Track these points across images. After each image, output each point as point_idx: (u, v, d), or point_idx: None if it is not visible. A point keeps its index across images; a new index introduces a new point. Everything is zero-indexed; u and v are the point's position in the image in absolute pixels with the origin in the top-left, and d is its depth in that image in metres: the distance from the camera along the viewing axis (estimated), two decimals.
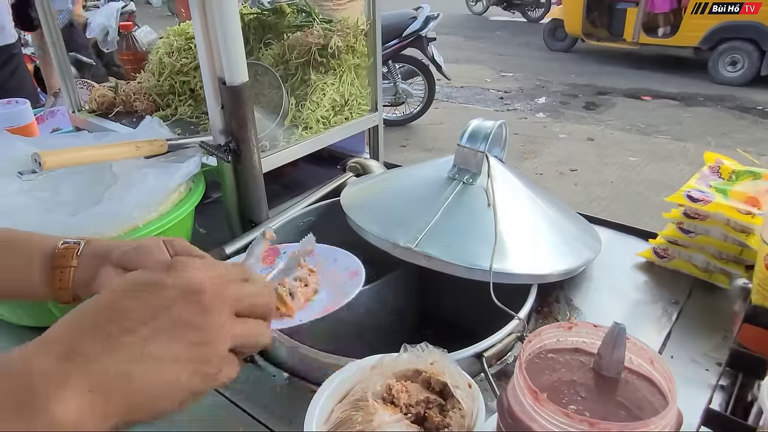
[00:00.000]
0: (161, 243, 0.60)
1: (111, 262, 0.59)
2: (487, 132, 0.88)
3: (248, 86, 0.92)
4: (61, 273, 0.60)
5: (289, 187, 1.30)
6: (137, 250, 0.60)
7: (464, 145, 0.88)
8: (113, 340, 0.37)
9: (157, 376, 0.38)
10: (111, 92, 1.41)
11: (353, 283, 0.69)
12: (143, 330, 0.38)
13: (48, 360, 0.35)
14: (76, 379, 0.34)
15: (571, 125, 5.00)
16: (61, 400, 0.33)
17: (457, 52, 7.73)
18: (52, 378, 0.34)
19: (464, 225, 0.83)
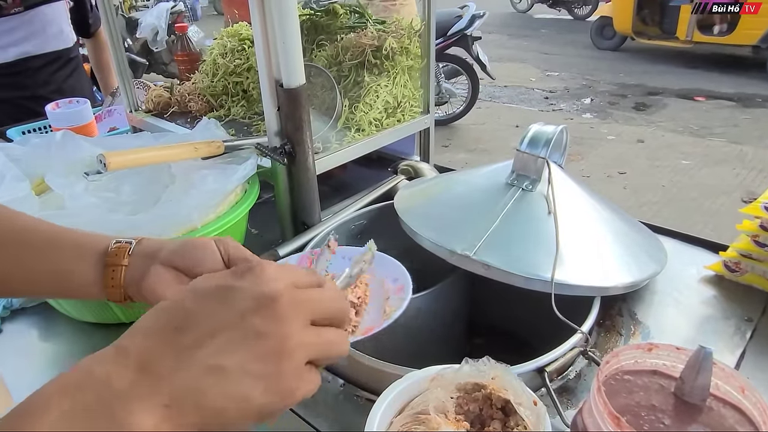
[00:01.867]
0: (213, 243, 0.60)
1: (160, 260, 0.59)
2: (548, 137, 0.85)
3: (305, 89, 0.92)
4: (113, 272, 0.60)
5: (339, 189, 1.30)
6: (187, 248, 0.60)
7: (524, 151, 0.85)
8: (185, 352, 0.36)
9: (229, 391, 0.36)
10: (167, 93, 1.44)
11: (398, 300, 0.65)
12: (215, 341, 0.37)
13: (126, 373, 0.35)
14: (152, 393, 0.34)
15: (619, 126, 4.85)
16: (139, 414, 0.33)
17: (501, 50, 7.62)
18: (130, 392, 0.34)
19: (524, 233, 0.80)
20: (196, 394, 0.35)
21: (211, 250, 0.59)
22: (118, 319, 0.87)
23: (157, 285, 0.58)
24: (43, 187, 0.98)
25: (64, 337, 0.90)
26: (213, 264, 0.59)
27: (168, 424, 0.34)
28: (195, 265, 0.59)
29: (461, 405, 0.57)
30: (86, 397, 0.34)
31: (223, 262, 0.60)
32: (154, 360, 0.36)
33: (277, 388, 0.37)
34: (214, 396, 0.36)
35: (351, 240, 1.07)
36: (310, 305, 0.40)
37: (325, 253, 0.64)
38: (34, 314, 0.94)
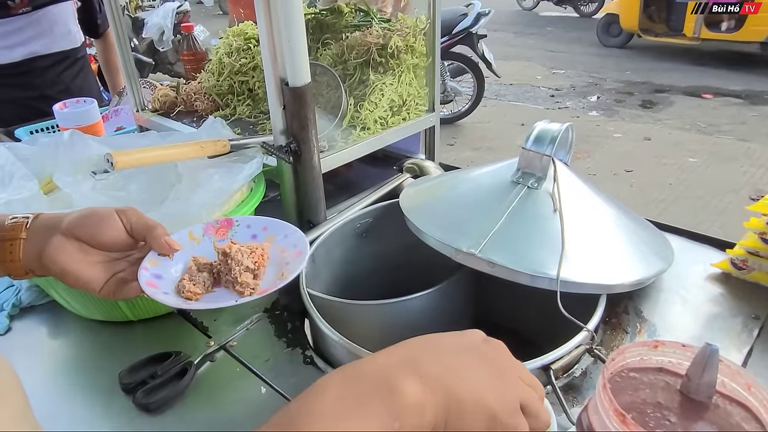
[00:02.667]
0: (114, 213, 0.61)
1: (61, 231, 0.60)
2: (554, 135, 0.85)
3: (310, 87, 0.92)
4: (11, 245, 0.60)
5: (344, 188, 1.30)
6: (89, 219, 0.60)
7: (530, 149, 0.85)
8: (442, 356, 0.45)
9: (469, 388, 0.42)
10: (173, 92, 1.45)
11: (296, 264, 0.69)
12: (459, 358, 0.45)
13: (392, 359, 0.44)
14: (415, 373, 0.41)
15: (626, 124, 4.83)
16: (409, 384, 0.40)
17: (507, 48, 7.60)
18: (399, 370, 0.41)
19: (529, 231, 0.80)
20: (446, 381, 0.42)
21: (113, 219, 0.61)
22: (126, 317, 0.88)
23: (59, 255, 0.59)
24: (51, 186, 0.99)
25: (73, 335, 0.90)
26: (115, 233, 0.61)
27: (427, 396, 0.40)
28: (97, 234, 0.60)
29: None
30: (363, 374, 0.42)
31: (126, 231, 0.62)
32: (415, 355, 0.44)
33: (504, 401, 0.43)
34: (459, 385, 0.42)
35: (356, 239, 1.07)
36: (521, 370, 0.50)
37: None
38: (43, 312, 0.95)
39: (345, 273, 1.07)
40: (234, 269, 0.66)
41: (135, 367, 0.78)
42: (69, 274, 0.60)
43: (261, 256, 0.70)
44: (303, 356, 0.81)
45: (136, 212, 0.63)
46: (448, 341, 0.47)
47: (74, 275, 0.60)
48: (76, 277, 0.60)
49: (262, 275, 0.69)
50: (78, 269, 0.60)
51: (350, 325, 0.85)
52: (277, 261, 0.71)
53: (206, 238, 0.73)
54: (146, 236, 0.63)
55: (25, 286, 0.96)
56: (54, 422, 0.73)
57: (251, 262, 0.68)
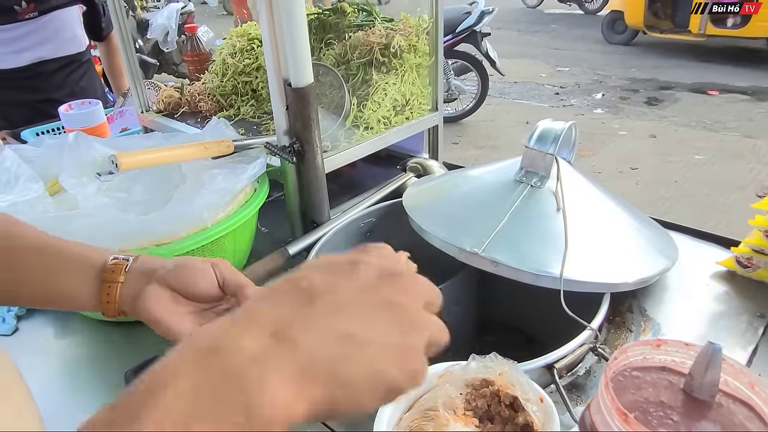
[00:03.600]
0: (209, 265, 0.63)
1: (157, 279, 0.61)
2: (557, 134, 0.85)
3: (313, 87, 0.93)
4: (108, 287, 0.61)
5: (347, 188, 1.31)
6: (184, 270, 0.62)
7: (532, 147, 0.85)
8: (319, 320, 0.34)
9: (364, 360, 0.33)
10: (177, 93, 1.46)
11: None
12: (348, 310, 0.35)
13: (261, 338, 0.32)
14: (287, 362, 0.32)
15: (631, 122, 4.81)
16: (272, 387, 0.31)
17: (511, 46, 7.58)
18: (264, 359, 0.31)
19: (532, 230, 0.80)
20: (331, 362, 0.33)
21: (208, 272, 0.62)
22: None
23: (153, 304, 0.60)
24: (56, 187, 1.00)
25: (80, 335, 0.91)
26: (208, 285, 0.62)
27: (300, 400, 0.31)
28: (191, 286, 0.61)
29: (469, 401, 0.58)
30: (218, 363, 0.31)
31: (218, 285, 0.62)
32: (287, 327, 0.33)
33: (407, 365, 0.35)
34: (348, 364, 0.33)
35: (360, 238, 1.07)
36: (423, 287, 0.40)
37: None
38: (50, 312, 0.95)
39: None
40: None
41: (141, 367, 0.78)
42: (161, 324, 0.61)
43: None
44: None
45: (229, 266, 0.64)
46: (336, 282, 0.36)
47: (166, 326, 0.61)
48: (168, 327, 0.61)
49: None
50: (170, 320, 0.61)
51: None
52: None
53: None
54: (237, 293, 0.64)
55: None
56: (60, 422, 0.73)
57: None
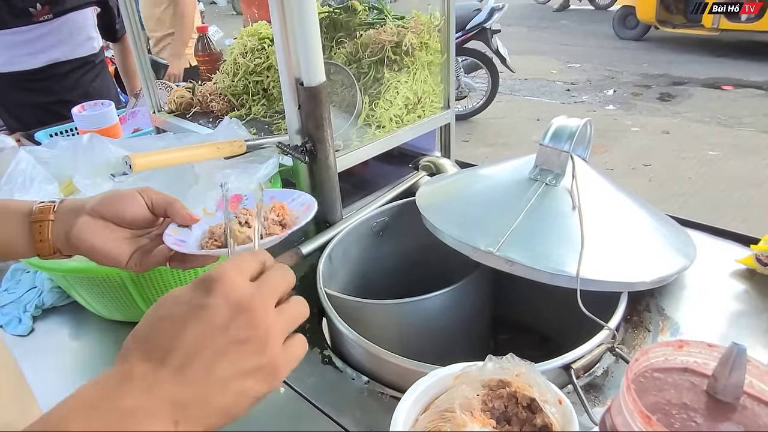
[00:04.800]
0: (136, 192, 0.67)
1: (87, 211, 0.64)
2: (572, 131, 0.84)
3: (325, 86, 0.92)
4: (40, 227, 0.64)
5: (359, 186, 1.30)
6: (114, 199, 0.65)
7: (547, 145, 0.84)
8: (182, 371, 0.39)
9: (229, 392, 0.40)
10: (188, 93, 1.46)
11: (306, 215, 0.74)
12: (206, 354, 0.40)
13: (135, 392, 0.38)
14: (161, 411, 0.37)
15: (644, 118, 4.76)
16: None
17: (521, 43, 7.53)
18: (141, 410, 0.37)
19: (548, 229, 0.79)
20: (201, 403, 0.39)
21: (136, 198, 0.66)
22: None
23: (88, 234, 0.64)
24: (71, 188, 1.00)
25: (94, 336, 0.91)
26: (138, 210, 0.66)
27: None
28: (122, 212, 0.65)
29: (486, 402, 0.57)
30: (100, 417, 0.36)
31: (147, 208, 0.67)
32: (157, 381, 0.38)
33: (269, 372, 0.42)
34: (217, 400, 0.40)
35: (373, 237, 1.07)
36: (272, 293, 0.45)
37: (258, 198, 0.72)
38: (65, 313, 0.96)
39: (362, 272, 1.07)
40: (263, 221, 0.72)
41: None
42: (97, 251, 0.64)
43: (282, 208, 0.75)
44: (321, 356, 0.81)
45: (154, 190, 0.68)
46: (190, 333, 0.40)
47: (102, 251, 0.64)
48: (104, 252, 0.64)
49: (291, 222, 0.74)
50: (105, 245, 0.64)
51: (368, 325, 0.85)
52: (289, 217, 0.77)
53: (219, 212, 0.77)
54: (167, 210, 0.68)
55: (47, 288, 0.97)
56: None
57: (275, 214, 0.74)
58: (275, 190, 0.82)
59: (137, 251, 0.67)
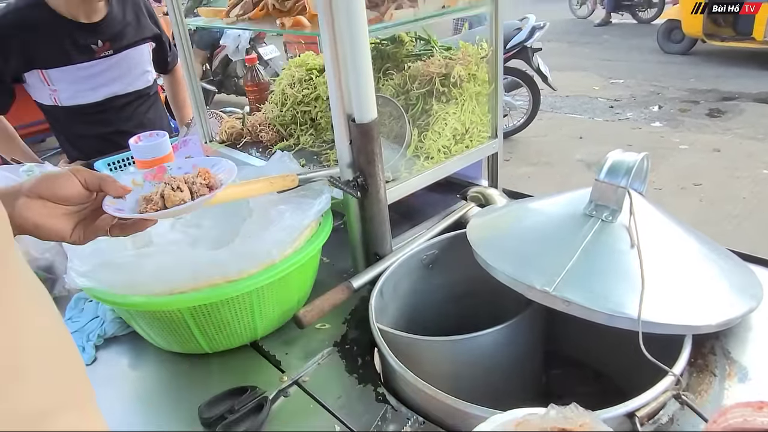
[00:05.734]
0: (69, 171, 0.72)
1: (24, 193, 0.69)
2: (629, 166, 0.82)
3: (377, 123, 0.93)
4: None
5: (407, 215, 1.31)
6: (49, 179, 0.70)
7: (603, 180, 0.83)
8: None
9: None
10: (239, 124, 1.50)
11: (228, 177, 0.82)
12: None
13: None
14: None
15: (692, 135, 4.62)
16: None
17: (562, 59, 7.44)
18: None
19: (605, 267, 0.78)
20: None
21: (70, 177, 0.72)
22: (203, 349, 0.91)
23: (28, 212, 0.69)
24: None
25: (152, 367, 0.94)
26: (74, 186, 0.72)
27: None
28: (58, 190, 0.70)
29: None
30: None
31: (81, 185, 0.72)
32: None
33: None
34: None
35: (422, 270, 1.06)
36: None
37: None
38: (126, 343, 0.99)
39: (412, 305, 1.07)
40: (192, 185, 0.81)
41: (213, 402, 0.80)
42: (41, 227, 0.70)
43: (207, 172, 0.83)
44: (375, 393, 0.81)
45: (86, 169, 0.74)
46: None
47: (45, 227, 0.70)
48: (48, 228, 0.70)
49: (216, 185, 0.83)
50: (47, 222, 0.70)
51: (420, 360, 0.85)
52: None
53: (147, 183, 0.85)
54: (101, 184, 0.74)
55: (109, 318, 1.01)
56: None
57: (201, 179, 0.82)
58: (197, 159, 0.92)
59: (79, 224, 0.74)
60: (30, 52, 1.62)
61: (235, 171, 0.83)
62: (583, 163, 4.18)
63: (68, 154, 1.86)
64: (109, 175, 0.76)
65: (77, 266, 0.82)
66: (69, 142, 1.83)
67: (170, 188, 0.80)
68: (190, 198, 0.81)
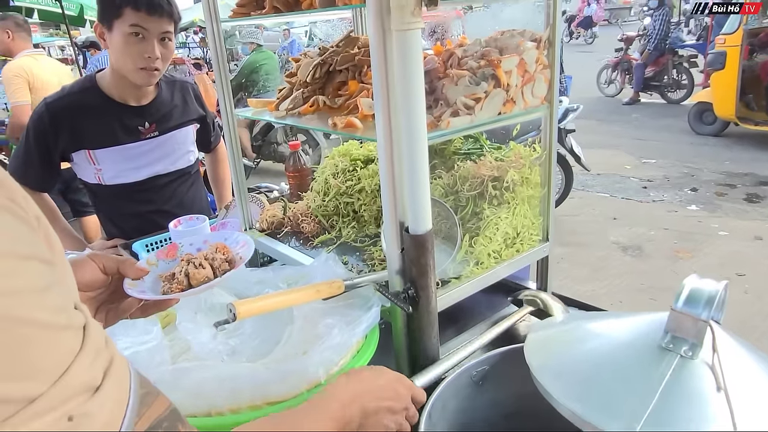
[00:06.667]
0: (88, 258, 0.75)
1: None
2: (711, 295, 0.75)
3: (431, 234, 0.89)
4: None
5: (451, 318, 1.24)
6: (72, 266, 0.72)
7: (681, 311, 0.76)
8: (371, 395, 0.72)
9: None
10: (280, 213, 1.48)
11: (246, 251, 0.87)
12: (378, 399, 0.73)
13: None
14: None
15: (732, 221, 4.49)
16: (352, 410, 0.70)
17: (591, 136, 7.46)
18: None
19: (689, 413, 0.69)
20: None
21: (89, 263, 0.74)
22: None
23: None
24: (170, 318, 1.00)
25: None
26: (93, 273, 0.75)
27: None
28: (79, 278, 0.68)
29: None
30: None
31: (101, 271, 0.75)
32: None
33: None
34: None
35: (472, 387, 0.99)
36: None
37: None
38: None
39: (460, 424, 0.98)
40: (212, 262, 0.84)
41: None
42: None
43: (224, 247, 0.87)
44: None
45: (103, 254, 0.77)
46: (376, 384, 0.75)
47: None
48: None
49: (235, 259, 0.87)
50: None
51: None
52: None
53: (160, 261, 0.89)
54: (119, 268, 0.77)
55: None
56: None
57: (221, 254, 0.86)
58: (209, 233, 0.96)
59: (100, 309, 0.76)
60: (80, 133, 1.66)
61: (252, 245, 0.87)
62: (619, 245, 4.08)
63: (107, 231, 1.87)
64: (128, 258, 0.79)
65: None
66: (109, 220, 1.84)
67: (193, 266, 0.82)
68: (213, 274, 0.83)
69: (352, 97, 1.21)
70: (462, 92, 1.01)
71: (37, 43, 14.62)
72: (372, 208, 1.36)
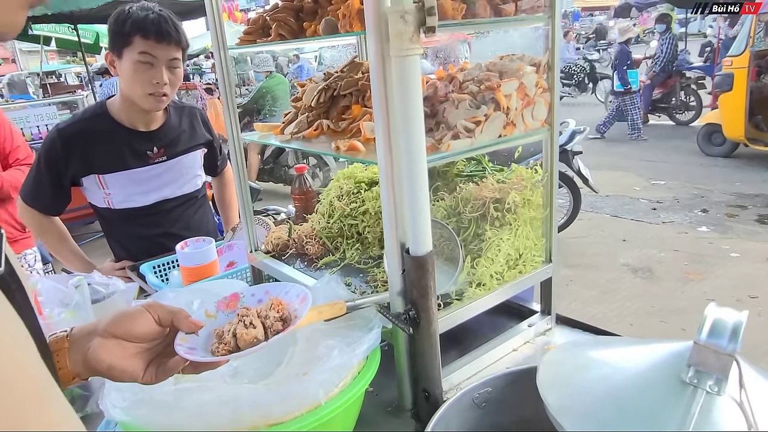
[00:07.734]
0: (143, 308, 0.73)
1: (99, 333, 0.70)
2: (736, 326, 0.72)
3: (432, 255, 0.90)
4: (57, 356, 0.69)
5: (452, 338, 1.23)
6: (123, 317, 0.71)
7: (705, 344, 0.73)
8: None
9: None
10: (285, 235, 1.50)
11: (303, 307, 0.80)
12: None
13: None
14: None
15: (743, 242, 4.44)
16: None
17: (599, 157, 7.47)
18: None
19: None
20: None
21: (144, 314, 0.72)
22: None
23: (103, 354, 0.69)
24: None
25: None
26: (148, 324, 0.72)
27: None
28: (132, 329, 0.71)
29: None
30: None
31: (155, 322, 0.72)
32: None
33: None
34: None
35: (473, 410, 0.98)
36: None
37: None
38: None
39: None
40: (265, 320, 0.78)
41: None
42: (115, 369, 0.69)
43: (280, 303, 0.81)
44: None
45: (159, 304, 0.74)
46: None
47: (119, 368, 0.69)
48: (122, 369, 0.70)
49: (290, 317, 0.80)
50: (121, 363, 0.70)
51: None
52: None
53: (220, 313, 0.84)
54: (173, 320, 0.74)
55: None
56: None
57: (275, 311, 0.79)
58: (269, 285, 0.89)
59: (151, 363, 0.73)
60: (90, 158, 1.70)
61: (309, 300, 0.81)
62: (629, 267, 4.05)
63: (115, 254, 1.89)
64: (182, 309, 0.75)
65: (114, 400, 0.78)
66: (118, 243, 1.87)
67: (242, 325, 0.77)
68: (263, 334, 0.78)
69: (355, 120, 1.23)
70: (462, 115, 1.02)
71: (53, 70, 14.82)
72: (376, 229, 1.37)
